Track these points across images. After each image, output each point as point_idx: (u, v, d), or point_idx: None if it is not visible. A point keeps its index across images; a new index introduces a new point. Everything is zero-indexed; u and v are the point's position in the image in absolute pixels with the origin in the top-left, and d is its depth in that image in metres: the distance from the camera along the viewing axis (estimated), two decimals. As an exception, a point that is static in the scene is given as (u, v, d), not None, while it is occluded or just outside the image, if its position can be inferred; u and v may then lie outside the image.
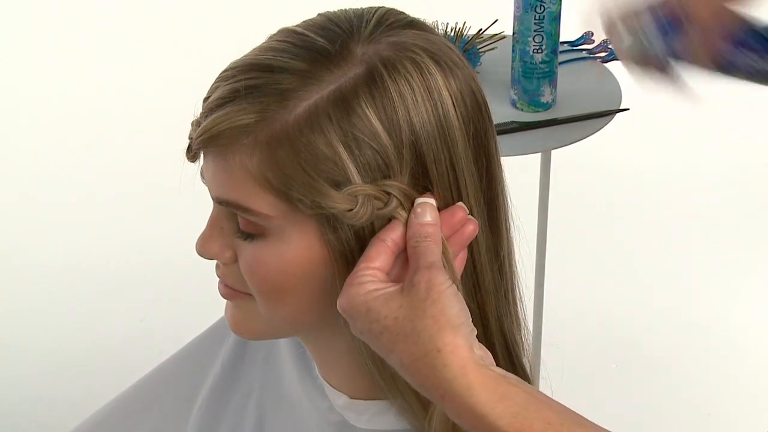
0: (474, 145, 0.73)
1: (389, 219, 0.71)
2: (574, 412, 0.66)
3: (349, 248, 0.71)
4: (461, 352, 0.65)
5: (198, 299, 1.98)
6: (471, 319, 0.67)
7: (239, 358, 0.95)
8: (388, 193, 0.69)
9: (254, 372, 0.94)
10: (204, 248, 0.76)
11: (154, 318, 2.55)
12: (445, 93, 0.71)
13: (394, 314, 0.66)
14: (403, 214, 0.70)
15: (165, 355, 1.03)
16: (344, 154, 0.68)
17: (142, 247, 2.81)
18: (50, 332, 2.53)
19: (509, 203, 0.79)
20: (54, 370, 2.41)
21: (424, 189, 0.71)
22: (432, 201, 0.70)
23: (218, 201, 0.73)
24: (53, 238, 2.88)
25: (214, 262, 0.78)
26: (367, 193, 0.69)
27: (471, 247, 0.74)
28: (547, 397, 0.66)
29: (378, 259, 0.69)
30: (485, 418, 0.63)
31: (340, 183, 0.69)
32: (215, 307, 0.99)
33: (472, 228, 0.72)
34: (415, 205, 0.70)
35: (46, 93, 3.58)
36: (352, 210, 0.69)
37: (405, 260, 0.70)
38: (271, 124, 0.69)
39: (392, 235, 0.70)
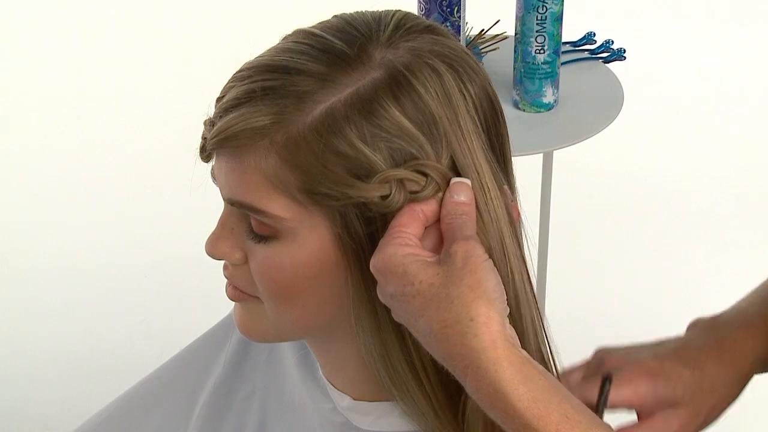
0: (494, 150, 0.73)
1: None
2: (591, 412, 0.65)
3: (362, 250, 0.70)
4: (494, 325, 0.64)
5: (199, 300, 1.99)
6: (506, 298, 0.66)
7: (242, 359, 0.95)
8: (425, 174, 0.69)
9: (257, 373, 0.93)
10: (214, 248, 0.75)
11: (155, 319, 2.55)
12: (462, 99, 0.71)
13: (430, 280, 0.65)
14: (439, 195, 0.69)
15: (166, 356, 1.03)
16: (368, 150, 0.68)
17: (142, 248, 2.81)
18: (51, 333, 2.53)
19: (520, 207, 0.79)
20: (55, 371, 2.41)
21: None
22: (467, 181, 0.70)
23: (230, 202, 0.73)
24: (54, 239, 2.88)
25: (216, 263, 0.77)
26: (400, 177, 0.68)
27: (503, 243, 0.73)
28: (568, 391, 0.66)
29: (410, 226, 0.68)
30: (506, 396, 0.63)
31: (367, 176, 0.68)
32: (217, 308, 0.99)
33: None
34: (450, 184, 0.69)
35: (47, 93, 3.58)
36: (387, 197, 0.68)
37: (434, 235, 0.69)
38: (287, 127, 0.68)
39: (424, 207, 0.69)
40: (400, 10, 0.75)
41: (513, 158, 0.79)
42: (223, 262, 0.77)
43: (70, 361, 2.44)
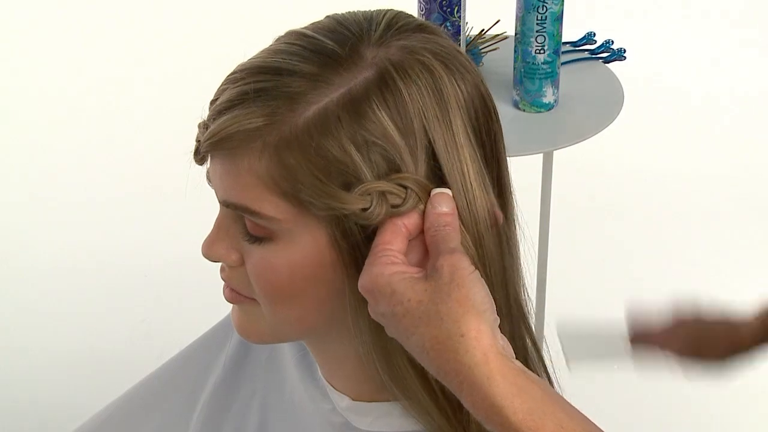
0: (484, 149, 0.73)
1: None
2: (588, 419, 0.65)
3: (359, 251, 0.70)
4: (485, 339, 0.64)
5: (199, 300, 1.99)
6: (495, 308, 0.66)
7: (242, 359, 0.95)
8: (404, 187, 0.69)
9: (257, 373, 0.93)
10: (210, 250, 0.75)
11: (155, 319, 2.55)
12: (454, 97, 0.71)
13: (419, 297, 0.65)
14: (420, 206, 0.70)
15: (166, 356, 1.03)
16: (356, 156, 0.68)
17: (143, 249, 2.81)
18: (51, 333, 2.53)
19: (516, 206, 0.79)
20: (55, 370, 2.41)
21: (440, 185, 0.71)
22: (448, 191, 0.70)
23: (225, 204, 0.73)
24: (54, 239, 2.88)
25: (217, 264, 0.77)
26: (381, 190, 0.68)
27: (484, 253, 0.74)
28: (563, 398, 0.66)
29: (394, 242, 0.68)
30: (501, 410, 0.63)
31: (351, 184, 0.68)
32: (217, 309, 0.99)
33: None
34: (431, 195, 0.69)
35: (47, 92, 3.58)
36: (367, 209, 0.68)
37: (418, 248, 0.70)
38: (280, 128, 0.68)
39: (406, 221, 0.69)
40: (391, 9, 0.75)
41: (513, 158, 0.79)
42: (220, 264, 0.77)
43: (70, 361, 2.43)
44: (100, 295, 2.65)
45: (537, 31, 1.63)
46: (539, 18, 1.61)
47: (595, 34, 1.94)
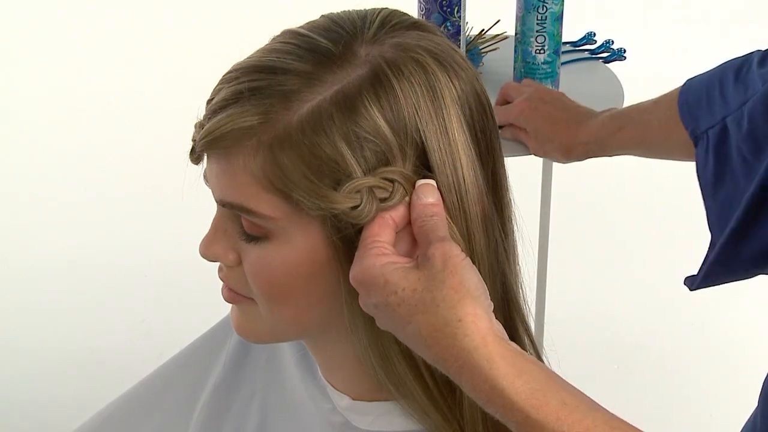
0: (479, 146, 0.73)
1: None
2: (588, 397, 0.65)
3: (354, 248, 0.70)
4: (482, 322, 0.64)
5: (199, 300, 1.99)
6: (488, 294, 0.67)
7: (242, 359, 0.95)
8: (391, 181, 0.69)
9: (257, 373, 0.93)
10: (207, 250, 0.75)
11: (155, 319, 2.55)
12: (448, 94, 0.71)
13: (413, 286, 0.65)
14: (407, 199, 0.70)
15: (166, 356, 1.03)
16: (348, 154, 0.68)
17: (143, 249, 2.81)
18: (51, 333, 2.53)
19: (515, 206, 0.79)
20: (55, 370, 2.42)
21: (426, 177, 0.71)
22: (433, 182, 0.70)
23: (222, 203, 0.73)
24: (54, 239, 2.88)
25: (216, 264, 0.77)
26: (370, 185, 0.68)
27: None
28: (562, 378, 0.66)
29: (382, 234, 0.69)
30: (503, 391, 0.63)
31: (342, 181, 0.68)
32: (217, 309, 0.99)
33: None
34: (416, 186, 0.70)
35: (47, 92, 3.58)
36: (357, 207, 0.68)
37: (406, 239, 0.70)
38: (274, 126, 0.69)
39: (393, 214, 0.69)
40: (386, 8, 0.75)
41: (513, 158, 0.79)
42: (218, 263, 0.77)
43: (70, 360, 2.44)
44: (100, 295, 2.65)
45: (537, 31, 1.62)
46: (539, 18, 1.61)
47: (595, 34, 1.93)
